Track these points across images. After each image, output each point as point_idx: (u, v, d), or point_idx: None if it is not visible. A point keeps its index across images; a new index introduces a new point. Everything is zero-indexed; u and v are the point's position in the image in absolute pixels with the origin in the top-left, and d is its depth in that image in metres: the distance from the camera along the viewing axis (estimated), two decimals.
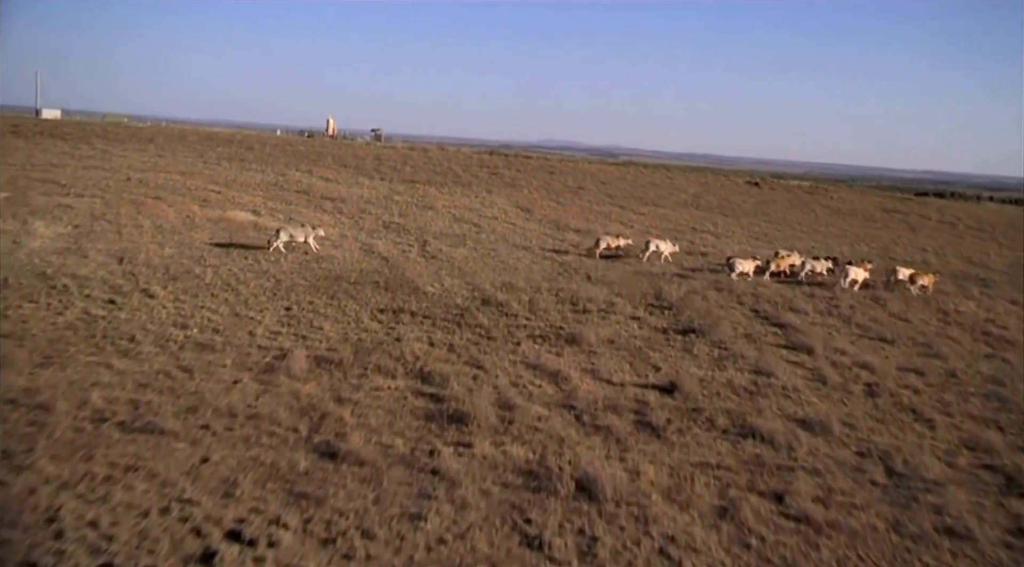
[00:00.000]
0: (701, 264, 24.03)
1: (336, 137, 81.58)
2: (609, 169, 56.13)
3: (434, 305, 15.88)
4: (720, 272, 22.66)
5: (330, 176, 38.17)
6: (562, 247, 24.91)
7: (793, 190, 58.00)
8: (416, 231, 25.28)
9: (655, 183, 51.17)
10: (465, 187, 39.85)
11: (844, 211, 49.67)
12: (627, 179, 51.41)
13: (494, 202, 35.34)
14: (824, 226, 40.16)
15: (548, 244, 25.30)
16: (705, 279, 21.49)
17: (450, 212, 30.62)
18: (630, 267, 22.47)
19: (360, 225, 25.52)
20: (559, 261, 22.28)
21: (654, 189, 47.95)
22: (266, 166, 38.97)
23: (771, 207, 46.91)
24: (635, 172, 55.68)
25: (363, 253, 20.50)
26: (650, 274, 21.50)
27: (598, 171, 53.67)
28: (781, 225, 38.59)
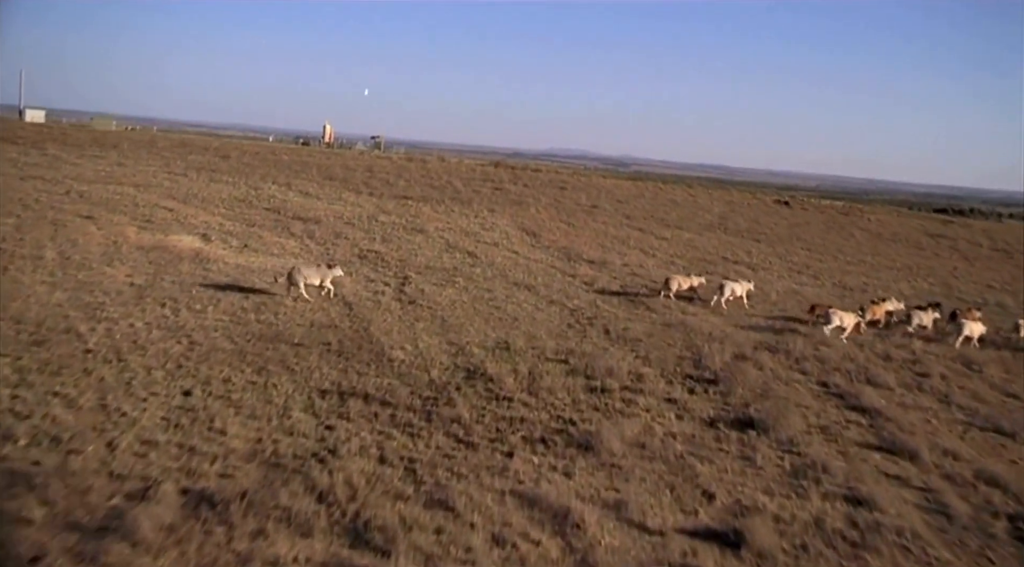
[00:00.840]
0: (748, 311, 19.97)
1: (332, 145, 78.05)
2: (625, 185, 52.14)
3: (400, 381, 11.88)
4: (769, 324, 18.59)
5: (311, 190, 34.35)
6: (572, 286, 20.89)
7: (826, 211, 53.88)
8: (397, 263, 21.32)
9: (676, 201, 47.15)
10: (464, 205, 35.94)
11: (885, 236, 45.58)
12: (645, 196, 47.43)
13: (496, 224, 31.39)
14: (870, 255, 36.06)
15: (556, 281, 21.29)
16: (754, 332, 17.44)
17: (443, 237, 26.69)
18: (656, 315, 18.42)
19: (330, 254, 21.59)
20: (569, 307, 18.25)
21: (676, 209, 43.92)
22: (239, 178, 35.19)
23: (806, 231, 42.85)
24: (653, 189, 51.67)
25: (322, 296, 16.57)
26: (683, 325, 17.43)
27: (613, 187, 49.71)
28: (822, 254, 34.50)
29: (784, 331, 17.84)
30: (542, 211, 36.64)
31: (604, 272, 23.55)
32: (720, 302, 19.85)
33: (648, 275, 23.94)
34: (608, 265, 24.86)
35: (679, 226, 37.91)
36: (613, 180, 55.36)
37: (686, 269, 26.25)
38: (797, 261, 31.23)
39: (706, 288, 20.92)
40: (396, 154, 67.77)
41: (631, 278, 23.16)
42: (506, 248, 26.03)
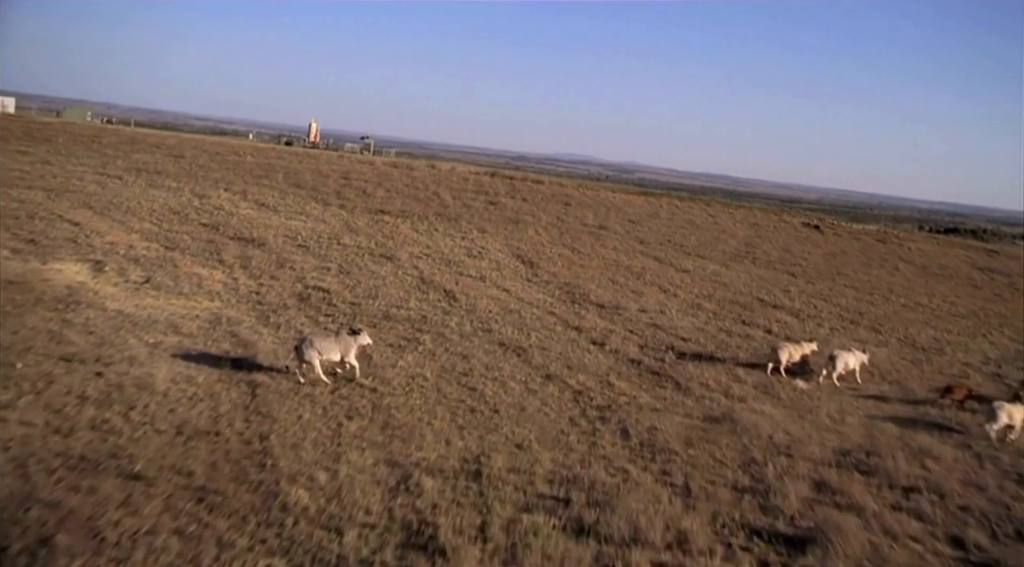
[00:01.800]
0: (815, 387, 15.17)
1: (318, 144, 73.32)
2: (636, 201, 47.37)
3: (286, 562, 7.15)
4: (850, 411, 13.78)
5: (269, 201, 29.55)
6: (577, 346, 16.09)
7: (860, 237, 49.16)
8: (348, 308, 16.55)
9: (695, 223, 42.42)
10: (451, 223, 31.16)
11: (932, 269, 40.85)
12: (660, 216, 42.68)
13: (486, 248, 26.62)
14: (925, 296, 31.29)
15: (557, 338, 16.52)
16: (832, 431, 12.62)
17: (417, 267, 21.90)
18: (691, 401, 13.61)
19: (261, 293, 16.82)
20: (573, 386, 13.43)
21: (695, 232, 39.19)
22: (186, 183, 30.42)
23: (843, 262, 38.13)
24: (668, 206, 46.91)
25: (214, 366, 11.80)
26: (730, 421, 12.60)
27: (623, 203, 44.93)
28: (871, 294, 29.74)
29: (873, 428, 13.07)
30: (542, 232, 31.86)
31: (617, 322, 18.79)
32: (831, 377, 15.34)
33: (672, 326, 19.21)
34: (622, 311, 20.10)
35: (701, 254, 33.16)
36: (623, 195, 50.57)
37: (718, 315, 21.57)
38: (846, 305, 26.49)
39: (817, 356, 16.33)
40: (384, 157, 63.02)
41: (652, 332, 18.42)
42: (495, 284, 21.25)
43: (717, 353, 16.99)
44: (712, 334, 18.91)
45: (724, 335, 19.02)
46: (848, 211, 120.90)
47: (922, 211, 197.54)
